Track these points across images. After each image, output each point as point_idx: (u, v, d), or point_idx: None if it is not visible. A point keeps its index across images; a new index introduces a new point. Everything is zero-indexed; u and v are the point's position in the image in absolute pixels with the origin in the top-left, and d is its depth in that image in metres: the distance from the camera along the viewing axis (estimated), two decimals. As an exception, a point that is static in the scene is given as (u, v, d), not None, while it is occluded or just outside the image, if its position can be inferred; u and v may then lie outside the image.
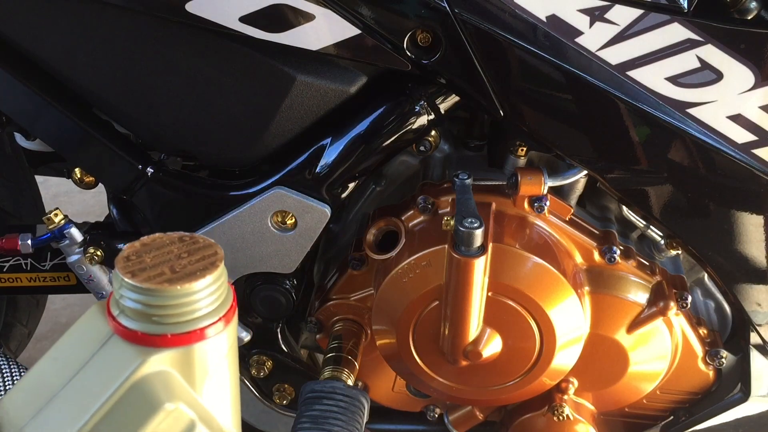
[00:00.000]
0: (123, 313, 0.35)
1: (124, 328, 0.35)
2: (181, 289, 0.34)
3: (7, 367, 0.75)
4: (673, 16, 0.65)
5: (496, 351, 0.81)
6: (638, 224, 0.84)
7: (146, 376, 0.34)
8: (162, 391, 0.34)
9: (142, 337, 0.35)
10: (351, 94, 0.76)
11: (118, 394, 0.34)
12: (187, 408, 0.35)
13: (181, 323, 0.35)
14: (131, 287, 0.34)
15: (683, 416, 0.95)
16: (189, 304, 0.34)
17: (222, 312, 0.36)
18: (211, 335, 0.35)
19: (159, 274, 0.35)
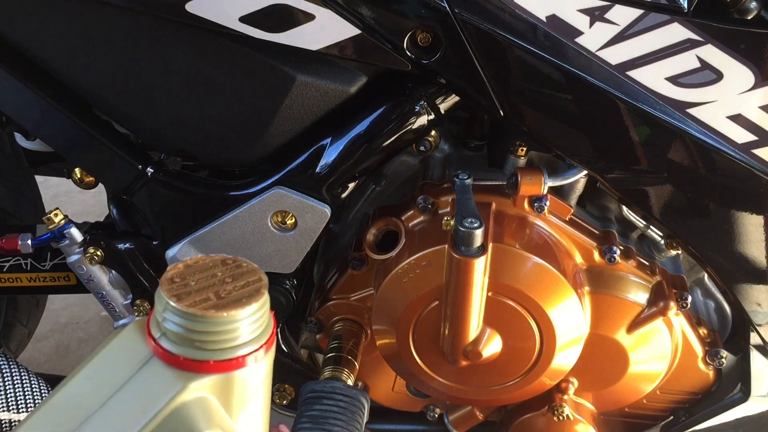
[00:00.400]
0: (165, 336, 0.35)
1: (165, 352, 0.35)
2: (227, 316, 0.34)
3: (7, 367, 0.75)
4: (673, 16, 0.65)
5: (496, 351, 0.81)
6: (638, 224, 0.84)
7: (186, 402, 0.34)
8: (201, 418, 0.34)
9: (184, 362, 0.34)
10: (351, 94, 0.76)
11: (158, 419, 0.34)
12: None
13: (224, 350, 0.34)
14: (176, 311, 0.34)
15: (683, 416, 0.95)
16: (233, 331, 0.34)
17: (263, 340, 0.36)
18: (251, 363, 0.35)
19: (204, 299, 0.34)
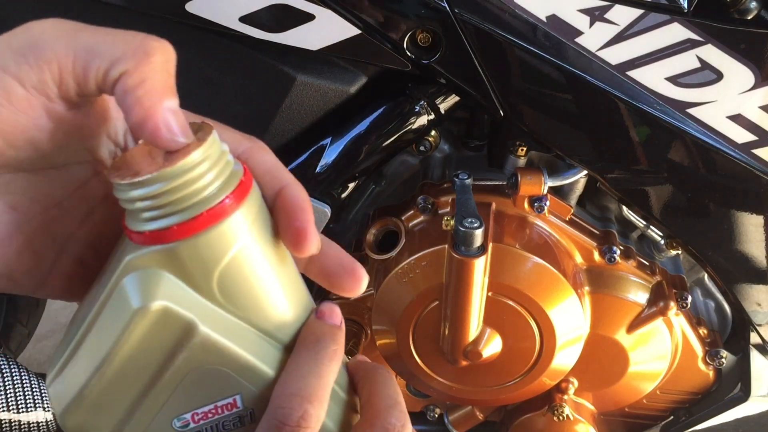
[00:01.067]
0: (129, 216, 0.30)
1: (124, 226, 0.30)
2: (161, 174, 0.28)
3: (7, 367, 0.75)
4: (673, 16, 0.65)
5: (496, 351, 0.81)
6: (638, 224, 0.84)
7: (124, 279, 0.29)
8: (137, 292, 0.29)
9: (130, 233, 0.30)
10: (351, 94, 0.76)
11: (107, 295, 0.30)
12: (181, 308, 0.29)
13: (159, 218, 0.29)
14: (118, 187, 0.29)
15: (683, 416, 0.95)
16: (161, 195, 0.28)
17: (210, 203, 0.29)
18: (194, 232, 0.29)
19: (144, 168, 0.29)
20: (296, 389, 0.30)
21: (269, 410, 0.31)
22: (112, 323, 0.29)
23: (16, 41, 0.29)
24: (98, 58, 0.28)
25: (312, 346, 0.32)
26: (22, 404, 0.72)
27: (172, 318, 0.29)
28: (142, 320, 0.29)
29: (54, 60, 0.28)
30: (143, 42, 0.29)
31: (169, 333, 0.30)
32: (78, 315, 0.33)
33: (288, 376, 0.31)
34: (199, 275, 0.30)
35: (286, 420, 0.30)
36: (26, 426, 0.72)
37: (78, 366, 0.31)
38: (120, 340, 0.29)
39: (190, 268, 0.30)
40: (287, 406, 0.30)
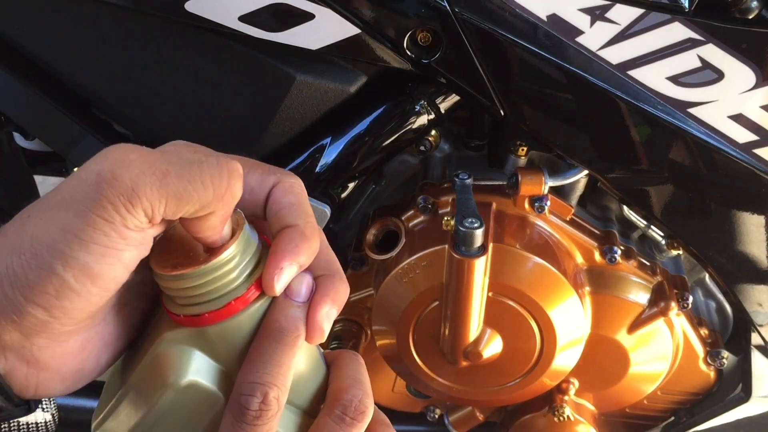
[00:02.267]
0: (169, 300, 0.35)
1: (164, 305, 0.35)
2: (184, 272, 0.33)
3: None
4: (674, 16, 0.65)
5: (497, 351, 0.81)
6: (639, 224, 0.84)
7: (160, 352, 0.34)
8: (171, 368, 0.33)
9: (169, 314, 0.34)
10: (351, 94, 0.75)
11: (142, 370, 0.34)
12: (208, 383, 0.34)
13: (194, 305, 0.33)
14: (158, 277, 0.34)
15: (684, 417, 0.95)
16: (197, 287, 0.33)
17: (238, 293, 0.34)
18: (223, 318, 0.34)
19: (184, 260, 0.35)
20: (256, 377, 0.33)
21: (232, 398, 0.33)
22: (149, 391, 0.34)
23: (112, 193, 0.30)
24: (190, 204, 0.31)
25: (274, 335, 0.33)
26: (21, 405, 0.72)
27: (200, 391, 0.34)
28: (174, 393, 0.34)
29: (148, 205, 0.30)
30: (230, 184, 0.32)
31: (198, 403, 0.34)
32: (122, 369, 0.37)
33: (249, 364, 0.33)
34: (225, 352, 0.34)
35: (248, 405, 0.32)
36: (25, 426, 0.71)
37: (119, 420, 0.35)
38: (156, 406, 0.34)
39: (218, 346, 0.34)
40: (248, 393, 0.32)
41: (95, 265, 0.30)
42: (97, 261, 0.30)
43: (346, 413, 0.35)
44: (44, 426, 0.77)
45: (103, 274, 0.31)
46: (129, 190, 0.30)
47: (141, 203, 0.30)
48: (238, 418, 0.32)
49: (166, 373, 0.33)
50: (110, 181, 0.30)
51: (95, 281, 0.31)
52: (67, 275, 0.30)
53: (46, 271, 0.30)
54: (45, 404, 0.77)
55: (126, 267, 0.32)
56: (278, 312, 0.34)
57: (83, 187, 0.30)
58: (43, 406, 0.77)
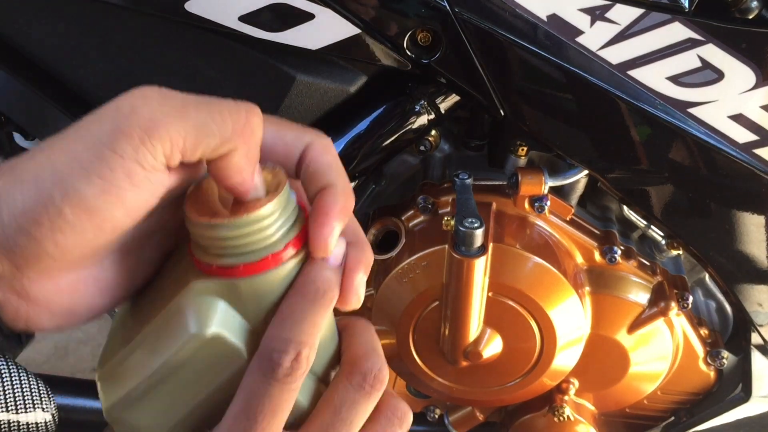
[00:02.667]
0: (192, 240, 0.34)
1: (191, 253, 0.34)
2: (227, 223, 0.32)
3: (6, 368, 0.75)
4: (674, 16, 0.65)
5: (497, 351, 0.81)
6: (639, 224, 0.84)
7: (192, 300, 0.33)
8: (196, 317, 0.32)
9: (198, 262, 0.33)
10: (351, 94, 0.75)
11: (169, 312, 0.33)
12: (232, 337, 0.33)
13: (229, 256, 0.32)
14: (187, 219, 0.33)
15: (684, 417, 0.95)
16: (235, 238, 0.32)
17: (274, 249, 0.33)
18: (257, 272, 0.33)
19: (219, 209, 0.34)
20: (291, 334, 0.32)
21: (262, 351, 0.32)
22: (169, 340, 0.33)
23: (128, 125, 0.29)
24: (210, 137, 0.30)
25: (312, 294, 0.33)
26: (21, 405, 0.72)
27: (223, 345, 0.33)
28: (197, 343, 0.32)
29: (167, 140, 0.29)
30: (249, 119, 0.31)
31: (219, 357, 0.33)
32: (134, 316, 0.36)
33: (282, 320, 0.32)
34: (252, 308, 0.33)
35: (281, 361, 0.31)
36: (25, 426, 0.72)
37: (131, 369, 0.33)
38: (174, 356, 0.32)
39: (246, 301, 0.33)
40: (281, 349, 0.32)
41: (93, 200, 0.29)
42: (96, 196, 0.29)
43: (366, 381, 0.34)
44: (44, 426, 0.77)
45: (101, 212, 0.30)
46: (147, 122, 0.29)
47: (159, 135, 0.29)
48: (267, 374, 0.31)
49: (190, 322, 0.32)
50: (128, 113, 0.29)
51: (92, 218, 0.29)
52: (64, 206, 0.29)
53: (44, 199, 0.29)
54: (45, 404, 0.77)
55: (127, 211, 0.30)
56: (315, 273, 0.33)
57: (100, 120, 0.30)
58: (43, 406, 0.77)
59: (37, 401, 0.73)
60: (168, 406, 0.34)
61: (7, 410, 0.71)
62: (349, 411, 0.34)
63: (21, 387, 0.73)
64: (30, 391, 0.73)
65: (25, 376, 0.75)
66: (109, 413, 0.34)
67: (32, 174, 0.29)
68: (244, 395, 0.32)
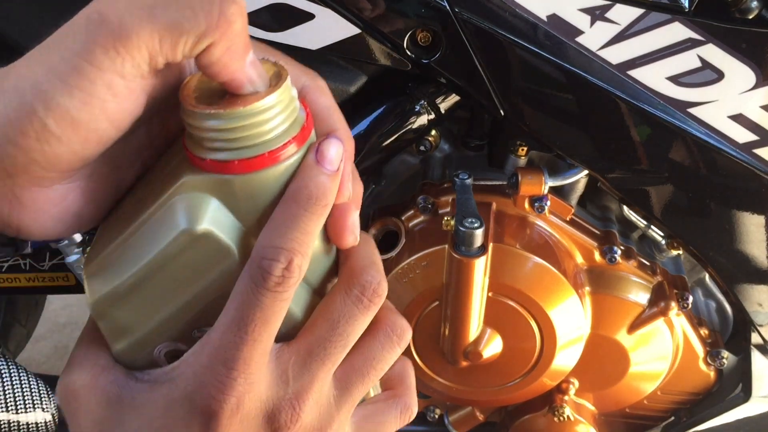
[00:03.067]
0: (190, 138, 0.33)
1: (184, 146, 0.32)
2: (224, 113, 0.30)
3: (6, 368, 0.75)
4: (674, 16, 0.65)
5: (497, 351, 0.81)
6: (639, 224, 0.84)
7: (183, 195, 0.31)
8: (187, 213, 0.31)
9: (191, 156, 0.32)
10: (351, 94, 0.75)
11: (158, 206, 0.32)
12: (223, 235, 0.31)
13: (224, 150, 0.31)
14: (183, 109, 0.32)
15: (684, 417, 0.95)
16: (228, 132, 0.30)
17: (272, 146, 0.31)
18: (252, 169, 0.31)
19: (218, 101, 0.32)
20: (283, 242, 0.31)
21: (253, 259, 0.31)
22: (158, 235, 0.32)
23: (100, 35, 0.28)
24: (184, 35, 0.29)
25: (305, 200, 0.32)
26: (21, 405, 0.72)
27: (213, 243, 0.31)
28: (187, 239, 0.31)
29: (143, 46, 0.29)
30: (223, 10, 0.30)
31: (208, 256, 0.32)
32: (122, 213, 0.35)
33: (274, 227, 0.31)
34: (246, 208, 0.32)
35: (271, 270, 0.30)
36: (25, 426, 0.72)
37: (118, 264, 0.33)
38: (162, 252, 0.31)
39: (240, 200, 0.32)
40: (272, 258, 0.30)
41: (76, 112, 0.29)
42: (79, 109, 0.29)
43: (364, 294, 0.34)
44: (44, 426, 0.77)
45: (85, 124, 0.29)
46: (117, 30, 0.28)
47: (133, 43, 0.28)
48: (257, 283, 0.30)
49: (180, 217, 0.31)
50: (97, 22, 0.28)
51: (77, 130, 0.29)
52: (48, 119, 0.29)
53: (27, 111, 0.29)
54: (45, 404, 0.77)
55: (111, 121, 0.30)
56: (309, 177, 0.32)
57: (73, 31, 0.29)
58: (43, 406, 0.77)
59: (37, 401, 0.73)
60: (155, 303, 0.33)
61: (7, 410, 0.71)
62: (345, 324, 0.33)
63: (21, 387, 0.73)
64: (30, 391, 0.74)
65: (25, 376, 0.75)
66: (94, 308, 0.33)
67: (12, 84, 0.29)
68: (236, 304, 0.31)
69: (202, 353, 0.32)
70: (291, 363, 0.33)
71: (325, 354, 0.33)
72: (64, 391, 0.33)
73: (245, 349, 0.31)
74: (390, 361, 0.36)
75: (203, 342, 0.32)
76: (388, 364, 0.36)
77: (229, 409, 0.31)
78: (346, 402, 0.35)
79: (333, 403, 0.34)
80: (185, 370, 0.32)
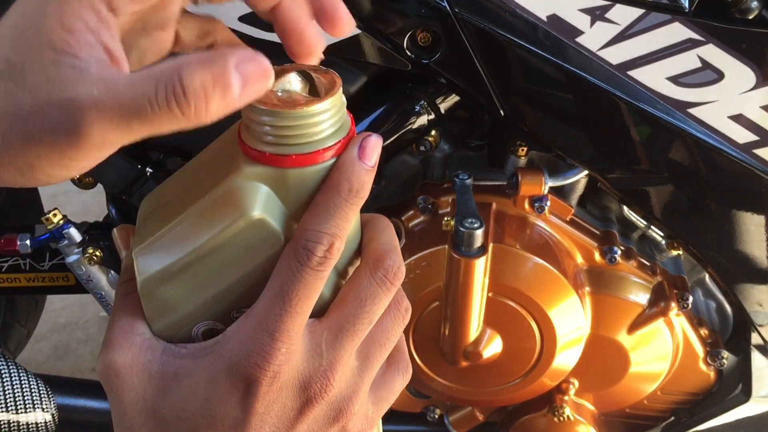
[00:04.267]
0: (244, 126, 0.36)
1: (240, 139, 0.35)
2: (291, 112, 0.34)
3: (6, 368, 0.75)
4: (674, 16, 0.65)
5: (497, 352, 0.81)
6: (639, 224, 0.84)
7: (241, 183, 0.34)
8: (250, 200, 0.34)
9: (249, 150, 0.34)
10: (351, 94, 0.75)
11: (215, 193, 0.35)
12: (274, 223, 0.35)
13: (284, 145, 0.34)
14: (253, 109, 0.34)
15: (684, 417, 0.95)
16: (291, 128, 0.34)
17: (325, 145, 0.35)
18: (308, 164, 0.34)
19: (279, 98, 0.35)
20: (326, 227, 0.34)
21: (297, 242, 0.34)
22: (214, 220, 0.34)
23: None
24: None
25: (345, 192, 0.35)
26: (21, 405, 0.72)
27: (265, 229, 0.34)
28: (242, 224, 0.34)
29: None
30: None
31: (258, 240, 0.35)
32: (174, 193, 0.38)
33: (317, 213, 0.35)
34: (293, 198, 0.35)
35: (315, 251, 0.34)
36: (25, 426, 0.72)
37: (170, 245, 0.35)
38: (217, 236, 0.34)
39: (290, 191, 0.35)
40: (316, 240, 0.34)
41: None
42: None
43: (387, 276, 0.37)
44: (44, 426, 0.77)
45: None
46: None
47: None
48: (302, 261, 0.34)
49: (239, 203, 0.34)
50: None
51: None
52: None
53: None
54: (45, 404, 0.77)
55: None
56: (351, 171, 0.35)
57: None
58: (43, 406, 0.77)
59: (37, 401, 0.73)
60: (201, 283, 0.35)
61: (7, 410, 0.71)
62: (372, 303, 0.36)
63: (21, 387, 0.73)
64: (30, 391, 0.74)
65: (25, 376, 0.75)
66: (143, 287, 0.35)
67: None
68: (280, 280, 0.34)
69: (246, 325, 0.34)
70: (324, 337, 0.36)
71: (354, 330, 0.36)
72: (106, 371, 0.35)
73: (288, 320, 0.34)
74: (399, 333, 0.39)
75: (247, 316, 0.35)
76: (398, 335, 0.39)
77: (270, 376, 0.34)
78: (368, 372, 0.38)
79: (357, 373, 0.37)
80: (229, 342, 0.34)
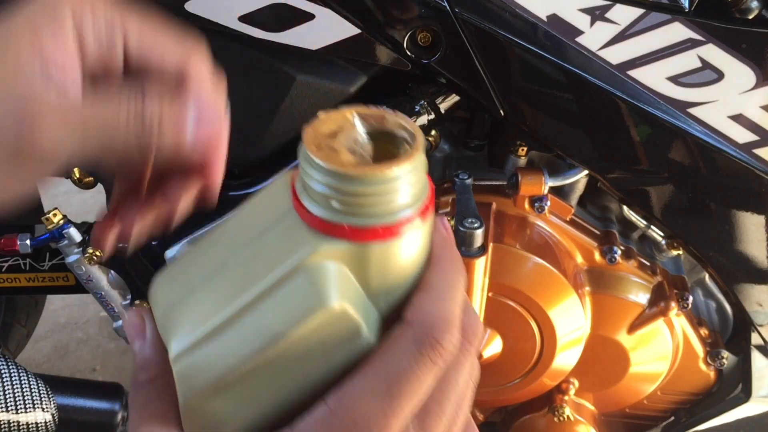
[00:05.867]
0: (305, 192, 0.28)
1: (302, 208, 0.28)
2: (378, 174, 0.26)
3: (6, 368, 0.75)
4: (674, 16, 0.65)
5: (497, 352, 0.81)
6: (639, 224, 0.84)
7: (315, 265, 0.27)
8: (328, 287, 0.27)
9: (320, 222, 0.27)
10: (351, 94, 0.75)
11: (279, 280, 0.27)
12: (355, 312, 0.27)
13: (363, 216, 0.27)
14: (318, 168, 0.27)
15: (684, 417, 0.95)
16: (376, 194, 0.26)
17: (411, 212, 0.27)
18: (394, 236, 0.27)
19: (347, 157, 0.28)
20: (451, 314, 0.28)
21: (422, 329, 0.27)
22: (280, 312, 0.27)
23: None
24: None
25: (457, 265, 0.29)
26: (21, 405, 0.72)
27: (345, 320, 0.27)
28: (321, 317, 0.27)
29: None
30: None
31: (336, 333, 0.27)
32: (206, 269, 0.30)
33: (437, 294, 0.28)
34: (376, 278, 0.28)
35: (444, 343, 0.27)
36: (25, 426, 0.72)
37: (223, 348, 0.28)
38: (290, 331, 0.27)
39: (372, 270, 0.28)
40: (443, 328, 0.27)
41: None
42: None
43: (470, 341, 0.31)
44: (44, 426, 0.77)
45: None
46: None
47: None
48: (423, 352, 0.27)
49: (313, 295, 0.27)
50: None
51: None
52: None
53: None
54: (45, 404, 0.77)
55: None
56: (453, 245, 0.30)
57: None
58: (43, 406, 0.76)
59: (37, 401, 0.73)
60: (261, 393, 0.28)
61: (7, 410, 0.71)
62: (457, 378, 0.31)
63: (21, 387, 0.73)
64: (30, 391, 0.74)
65: (25, 376, 0.75)
66: (188, 402, 0.28)
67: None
68: (385, 370, 0.27)
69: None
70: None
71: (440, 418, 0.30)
72: None
73: (395, 424, 0.27)
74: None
75: (320, 415, 0.27)
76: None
77: None
78: None
79: None
80: None
